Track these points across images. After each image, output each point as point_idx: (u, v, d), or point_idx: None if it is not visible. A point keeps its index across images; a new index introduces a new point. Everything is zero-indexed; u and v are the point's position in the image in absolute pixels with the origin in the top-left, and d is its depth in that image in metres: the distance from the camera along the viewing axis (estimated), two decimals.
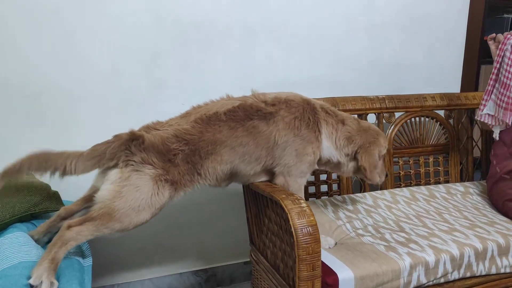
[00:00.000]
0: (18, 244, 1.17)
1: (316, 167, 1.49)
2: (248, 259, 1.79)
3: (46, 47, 1.64)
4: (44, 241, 1.28)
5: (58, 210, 1.38)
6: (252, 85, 1.91)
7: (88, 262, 1.27)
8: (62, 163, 1.17)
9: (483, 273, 1.46)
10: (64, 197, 1.48)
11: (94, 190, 1.27)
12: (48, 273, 1.05)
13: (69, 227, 1.13)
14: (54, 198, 1.41)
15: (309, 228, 1.18)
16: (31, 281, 1.02)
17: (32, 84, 1.65)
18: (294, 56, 2.00)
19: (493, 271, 1.47)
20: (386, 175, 1.62)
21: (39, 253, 1.16)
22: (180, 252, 2.01)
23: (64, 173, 1.19)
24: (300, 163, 1.40)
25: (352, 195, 1.86)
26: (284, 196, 1.27)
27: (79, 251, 1.27)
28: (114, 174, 1.21)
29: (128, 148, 1.21)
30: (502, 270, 1.48)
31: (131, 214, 1.19)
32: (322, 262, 1.25)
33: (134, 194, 1.19)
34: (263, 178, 1.45)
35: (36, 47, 1.63)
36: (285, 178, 1.40)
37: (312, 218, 1.20)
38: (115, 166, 1.22)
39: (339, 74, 2.09)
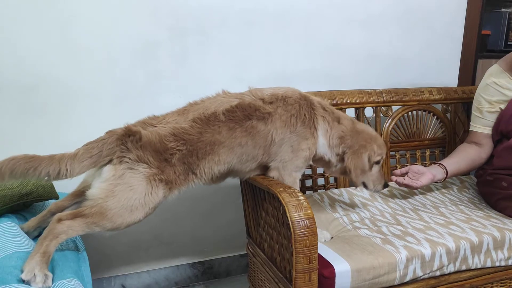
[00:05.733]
0: (11, 234, 1.16)
1: (311, 162, 1.49)
2: (245, 252, 1.80)
3: (41, 37, 1.63)
4: (34, 235, 1.27)
5: (51, 198, 1.37)
6: (248, 77, 1.91)
7: (82, 250, 1.26)
8: (55, 166, 1.11)
9: (479, 266, 1.47)
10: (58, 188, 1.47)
11: (85, 185, 1.25)
12: (41, 267, 1.02)
13: (60, 220, 1.10)
14: (47, 186, 1.39)
15: (306, 221, 1.18)
16: (23, 276, 1.00)
17: (27, 75, 1.63)
18: (291, 48, 1.99)
19: (488, 264, 1.48)
20: (386, 185, 1.54)
21: (32, 245, 1.15)
22: (177, 244, 2.01)
23: (57, 177, 1.13)
24: (295, 158, 1.40)
25: (349, 188, 1.86)
26: (281, 189, 1.27)
27: (72, 244, 1.27)
28: (107, 171, 1.18)
29: (124, 143, 1.18)
30: (497, 264, 1.49)
31: (123, 214, 1.16)
32: (318, 254, 1.25)
33: (127, 193, 1.16)
34: (257, 172, 1.45)
35: (31, 38, 1.61)
36: (280, 172, 1.40)
37: (309, 211, 1.20)
38: (109, 162, 1.19)
39: (336, 67, 2.08)
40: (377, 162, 1.50)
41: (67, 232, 1.10)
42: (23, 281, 0.99)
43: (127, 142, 1.19)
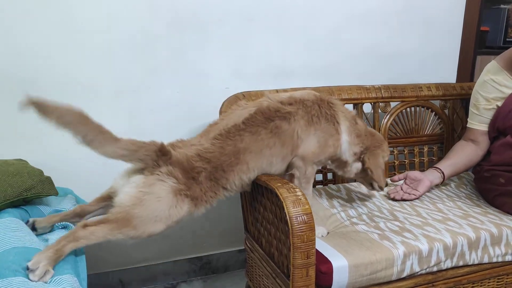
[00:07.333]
0: (11, 229, 1.16)
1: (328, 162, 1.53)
2: (243, 247, 1.80)
3: (39, 31, 1.62)
4: (47, 231, 1.28)
5: (50, 195, 1.38)
6: (247, 72, 1.91)
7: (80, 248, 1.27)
8: (96, 134, 1.09)
9: (476, 262, 1.47)
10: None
11: (111, 191, 1.26)
12: (48, 262, 1.03)
13: (85, 226, 1.12)
14: (47, 183, 1.39)
15: (304, 216, 1.19)
16: (29, 264, 1.02)
17: (25, 69, 1.62)
18: (290, 44, 1.98)
19: (486, 260, 1.48)
20: (386, 185, 1.66)
21: (32, 239, 1.15)
22: (175, 239, 2.01)
23: (90, 143, 1.10)
24: (321, 154, 1.43)
25: (346, 184, 1.87)
26: (279, 184, 1.26)
27: None
28: (138, 178, 1.20)
29: (157, 160, 1.20)
30: (494, 259, 1.50)
31: (147, 223, 1.18)
32: (316, 250, 1.25)
33: (154, 203, 1.18)
34: (283, 173, 1.45)
35: (29, 32, 1.60)
36: (304, 161, 1.40)
37: (307, 207, 1.20)
38: (141, 171, 1.21)
39: (335, 62, 2.08)
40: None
41: (89, 237, 1.11)
42: (27, 269, 1.01)
43: (159, 160, 1.21)
